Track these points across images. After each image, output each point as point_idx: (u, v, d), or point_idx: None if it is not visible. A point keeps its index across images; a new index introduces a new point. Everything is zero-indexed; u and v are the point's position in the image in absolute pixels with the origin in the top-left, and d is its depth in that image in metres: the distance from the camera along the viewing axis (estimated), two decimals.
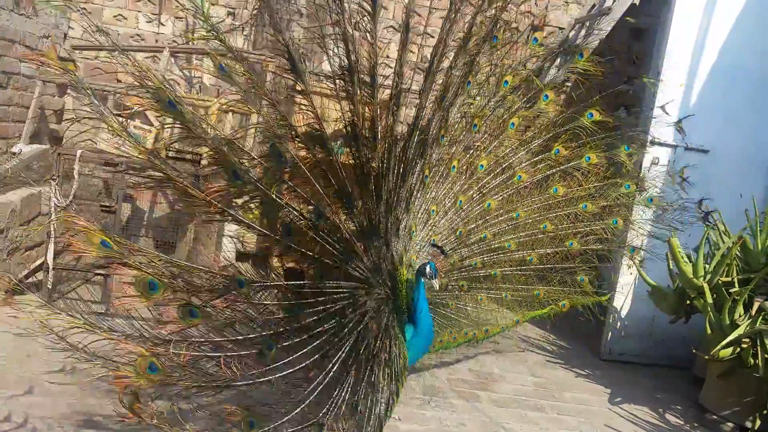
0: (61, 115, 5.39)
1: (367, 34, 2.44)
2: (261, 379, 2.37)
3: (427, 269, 2.74)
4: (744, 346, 3.41)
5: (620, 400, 3.83)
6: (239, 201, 2.44)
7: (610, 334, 4.52)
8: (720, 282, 3.63)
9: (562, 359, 4.42)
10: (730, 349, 3.41)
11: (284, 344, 2.51)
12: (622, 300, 4.48)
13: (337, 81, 2.53)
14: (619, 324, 4.50)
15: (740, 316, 3.44)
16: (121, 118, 5.19)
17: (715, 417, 3.62)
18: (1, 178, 3.98)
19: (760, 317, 3.38)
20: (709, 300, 3.58)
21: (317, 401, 2.44)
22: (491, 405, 3.50)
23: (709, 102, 4.39)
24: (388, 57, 4.30)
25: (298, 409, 2.38)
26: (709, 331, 3.55)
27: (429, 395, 3.48)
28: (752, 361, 3.36)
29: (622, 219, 3.80)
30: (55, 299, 3.87)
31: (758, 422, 3.48)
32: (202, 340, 2.36)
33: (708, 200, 4.35)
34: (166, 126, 4.22)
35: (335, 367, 2.52)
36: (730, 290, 3.56)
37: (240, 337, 2.42)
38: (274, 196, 2.47)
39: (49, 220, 3.80)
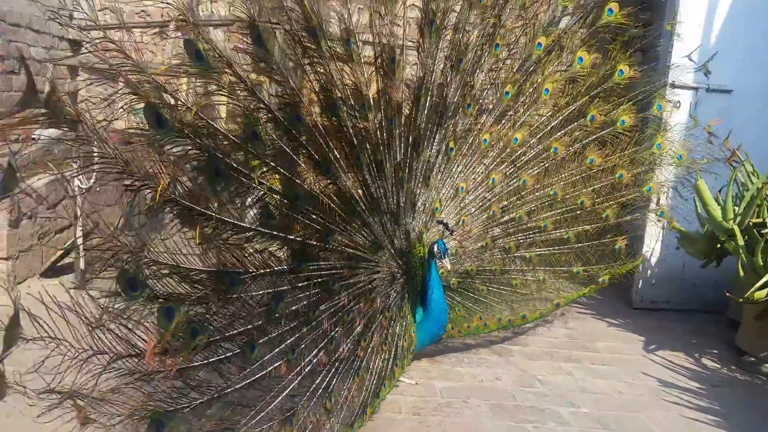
0: (75, 97, 5.38)
1: None
2: (248, 381, 2.06)
3: (435, 248, 2.58)
4: None
5: (655, 347, 3.82)
6: None
7: (640, 282, 4.49)
8: (751, 223, 3.57)
9: (593, 310, 4.40)
10: (765, 291, 3.37)
11: (268, 338, 2.17)
12: (652, 247, 4.44)
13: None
14: (649, 272, 4.47)
15: None
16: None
17: (753, 359, 3.60)
18: (24, 165, 4.00)
19: None
20: (741, 242, 3.52)
21: (292, 393, 2.20)
22: (524, 358, 3.50)
23: (730, 40, 4.25)
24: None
25: (275, 402, 2.11)
26: (741, 273, 3.50)
27: (463, 353, 3.49)
28: None
29: (654, 184, 3.62)
30: (88, 280, 3.92)
31: None
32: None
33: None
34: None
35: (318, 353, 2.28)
36: (762, 231, 3.50)
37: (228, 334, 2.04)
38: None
39: (74, 203, 3.83)
